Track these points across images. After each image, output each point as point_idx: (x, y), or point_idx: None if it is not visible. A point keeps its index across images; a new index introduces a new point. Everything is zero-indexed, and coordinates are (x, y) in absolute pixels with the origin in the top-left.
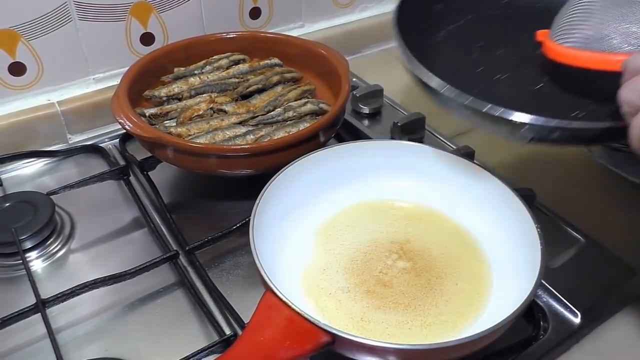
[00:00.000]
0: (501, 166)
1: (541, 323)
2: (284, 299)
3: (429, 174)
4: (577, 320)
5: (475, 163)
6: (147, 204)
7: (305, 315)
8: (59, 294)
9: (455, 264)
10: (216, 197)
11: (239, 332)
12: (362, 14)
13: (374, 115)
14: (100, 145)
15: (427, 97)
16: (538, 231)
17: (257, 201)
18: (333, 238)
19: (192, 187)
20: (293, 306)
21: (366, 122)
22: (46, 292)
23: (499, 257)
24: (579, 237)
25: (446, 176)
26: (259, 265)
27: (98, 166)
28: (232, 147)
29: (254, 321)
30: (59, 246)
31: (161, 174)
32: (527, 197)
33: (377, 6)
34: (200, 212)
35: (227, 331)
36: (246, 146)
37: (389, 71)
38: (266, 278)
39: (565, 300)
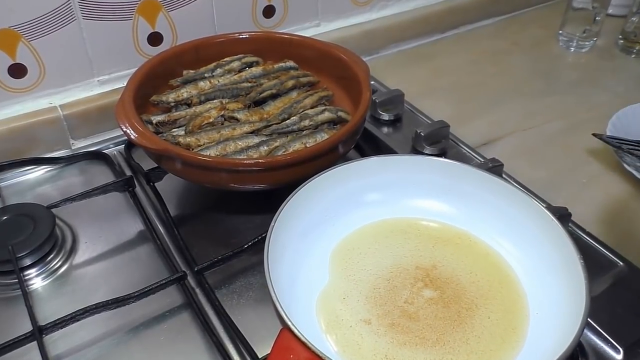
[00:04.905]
0: (531, 180)
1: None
2: (303, 339)
3: (456, 191)
4: (619, 357)
5: (506, 180)
6: (154, 217)
7: (327, 359)
8: (58, 319)
9: (487, 293)
10: (226, 210)
11: None
12: (380, 12)
13: (394, 123)
14: (104, 151)
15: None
16: (581, 263)
17: (271, 224)
18: (353, 262)
19: (201, 199)
20: (313, 348)
21: (385, 129)
22: (46, 312)
23: (535, 286)
24: (618, 261)
25: (475, 194)
26: (275, 300)
27: (102, 174)
28: (244, 161)
29: None
30: (60, 262)
31: (168, 185)
32: (562, 216)
33: (396, 4)
34: (210, 226)
35: None
36: (260, 161)
37: (410, 74)
38: (283, 315)
39: (605, 334)
